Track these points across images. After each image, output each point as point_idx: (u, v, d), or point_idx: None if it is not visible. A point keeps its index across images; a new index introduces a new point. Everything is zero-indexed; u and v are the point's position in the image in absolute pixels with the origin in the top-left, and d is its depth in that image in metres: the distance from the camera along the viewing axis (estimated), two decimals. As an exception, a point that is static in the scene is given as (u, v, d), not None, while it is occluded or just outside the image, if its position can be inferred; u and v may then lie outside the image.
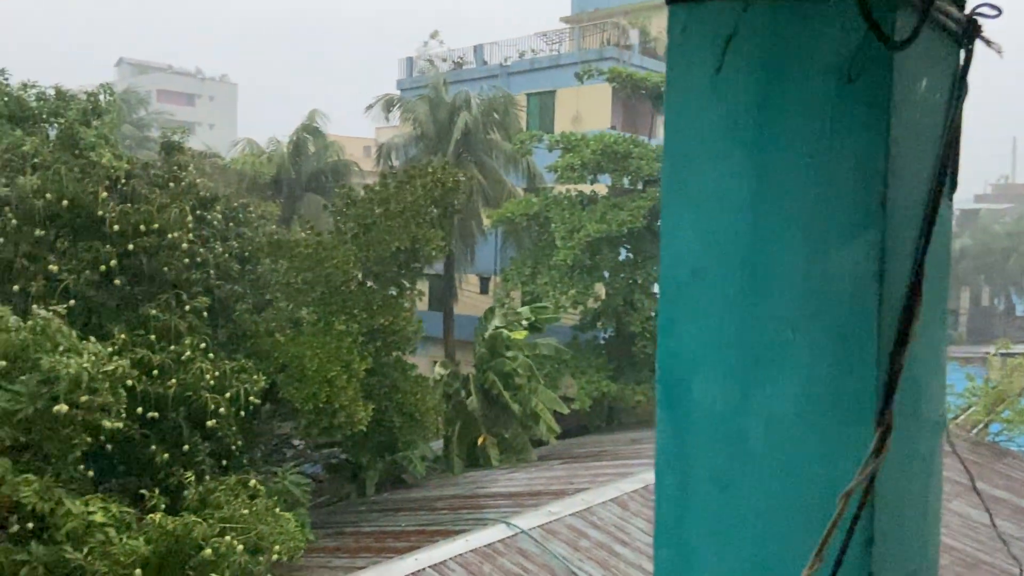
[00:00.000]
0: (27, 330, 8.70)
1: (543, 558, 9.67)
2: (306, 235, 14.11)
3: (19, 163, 11.42)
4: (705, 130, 0.76)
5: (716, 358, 0.75)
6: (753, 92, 0.73)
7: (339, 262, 13.28)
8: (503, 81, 31.02)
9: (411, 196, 13.94)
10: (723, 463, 0.75)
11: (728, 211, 0.74)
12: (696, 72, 0.76)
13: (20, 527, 8.12)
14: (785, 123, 0.72)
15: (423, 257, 14.31)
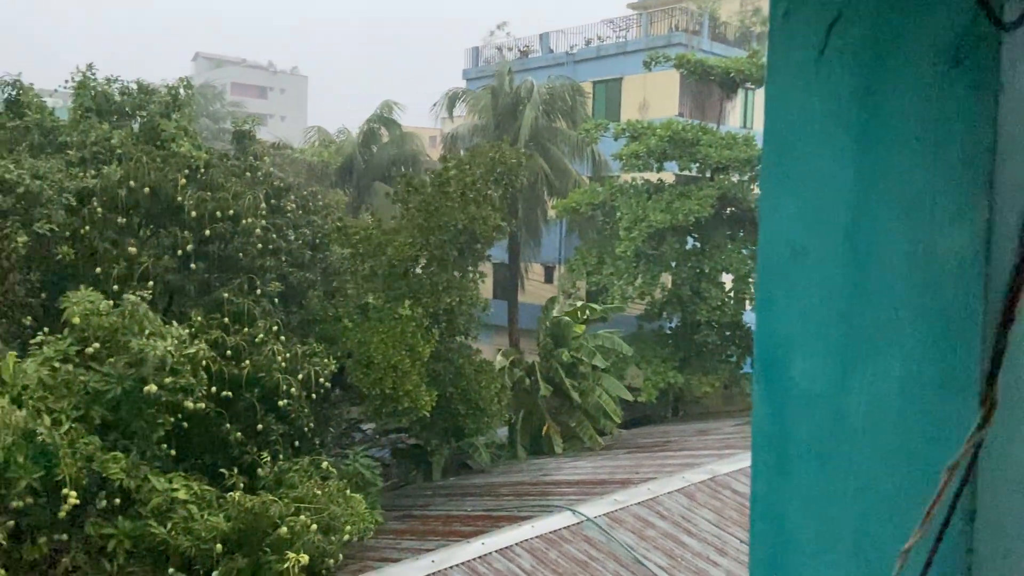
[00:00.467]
0: (117, 314, 9.12)
1: (609, 546, 9.68)
2: (370, 221, 14.35)
3: (106, 155, 11.93)
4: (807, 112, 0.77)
5: (816, 336, 0.77)
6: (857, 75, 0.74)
7: (400, 246, 13.47)
8: (569, 69, 30.86)
9: (470, 177, 14.02)
10: (822, 439, 0.77)
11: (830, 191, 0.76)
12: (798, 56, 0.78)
13: (108, 502, 8.53)
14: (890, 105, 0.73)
15: (483, 237, 14.38)
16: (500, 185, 14.63)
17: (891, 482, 0.74)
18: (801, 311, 0.78)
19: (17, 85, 13.14)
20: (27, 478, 7.79)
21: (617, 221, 20.88)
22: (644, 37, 29.95)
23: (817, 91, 0.76)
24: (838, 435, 0.76)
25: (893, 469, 0.74)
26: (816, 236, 0.77)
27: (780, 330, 0.80)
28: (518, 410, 18.17)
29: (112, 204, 11.22)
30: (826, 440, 0.77)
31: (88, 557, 8.36)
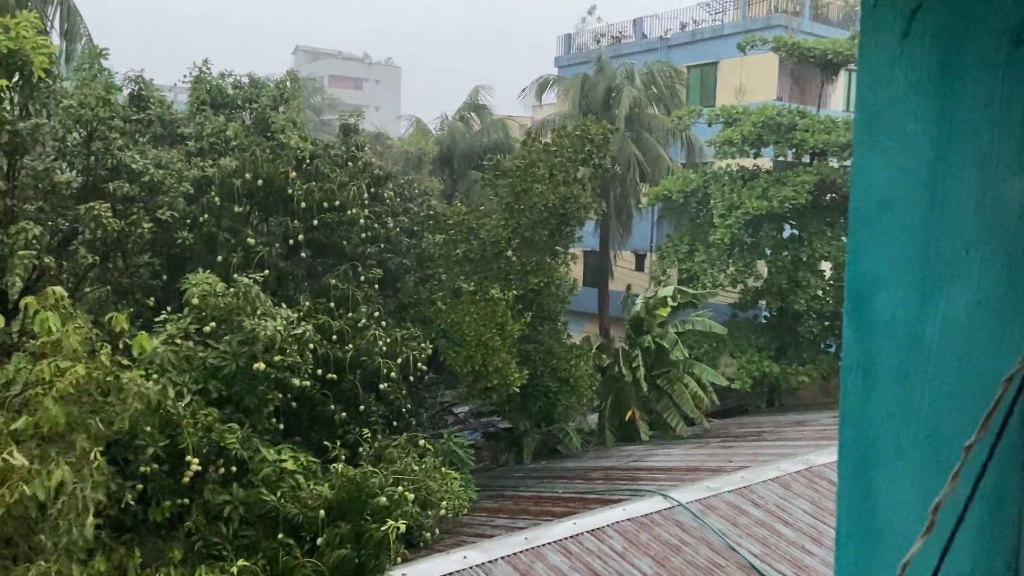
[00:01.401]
0: (231, 295, 9.73)
1: (701, 532, 9.70)
2: (463, 207, 14.69)
3: (221, 146, 12.66)
4: (893, 85, 0.92)
5: (898, 275, 0.92)
6: (935, 53, 0.89)
7: (491, 229, 13.74)
8: (663, 54, 30.50)
9: (558, 157, 14.13)
10: (901, 359, 0.92)
11: (912, 151, 0.90)
12: (885, 37, 0.93)
13: (225, 471, 9.14)
14: (963, 78, 0.88)
15: (573, 218, 14.50)
16: (588, 164, 14.68)
17: (959, 393, 0.88)
18: (885, 253, 0.93)
19: (139, 80, 14.05)
20: (154, 446, 8.46)
21: (711, 208, 20.60)
22: (742, 20, 29.27)
23: (901, 67, 0.91)
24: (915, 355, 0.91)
25: (961, 382, 0.88)
26: (900, 189, 0.92)
27: (867, 270, 0.95)
28: (606, 396, 18.24)
29: (228, 193, 11.93)
30: (904, 359, 0.92)
31: (206, 521, 8.99)
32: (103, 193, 11.09)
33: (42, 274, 10.73)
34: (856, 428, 0.95)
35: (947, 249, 0.88)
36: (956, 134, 0.88)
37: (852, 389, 0.96)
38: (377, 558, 8.46)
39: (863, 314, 0.95)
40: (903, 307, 0.91)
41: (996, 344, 0.86)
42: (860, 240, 0.95)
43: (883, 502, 0.94)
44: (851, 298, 0.96)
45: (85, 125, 11.01)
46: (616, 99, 25.40)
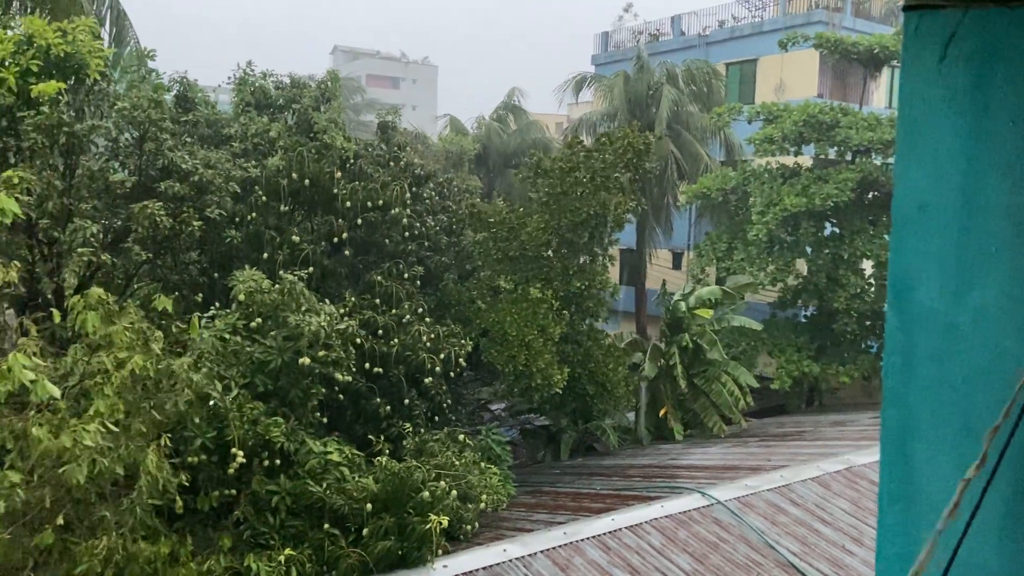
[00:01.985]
0: (277, 292, 9.99)
1: (739, 529, 9.73)
2: (502, 206, 14.82)
3: (266, 146, 12.96)
4: (931, 101, 1.04)
5: (935, 269, 1.03)
6: (968, 75, 1.01)
7: (532, 230, 13.85)
8: (701, 52, 30.33)
9: (600, 163, 14.20)
10: (939, 344, 1.04)
11: (948, 160, 1.02)
12: (925, 60, 1.05)
13: (271, 462, 9.40)
14: (993, 97, 0.99)
15: (614, 222, 14.56)
16: (631, 170, 14.74)
17: (989, 373, 1.00)
18: (924, 250, 1.05)
19: (184, 82, 14.42)
20: (202, 437, 8.73)
21: (750, 206, 20.48)
22: (782, 16, 28.98)
23: (938, 86, 1.03)
24: (949, 340, 1.03)
25: (991, 364, 1.00)
26: (936, 194, 1.04)
27: (908, 265, 1.07)
28: (643, 395, 18.25)
29: (274, 192, 12.23)
30: (940, 344, 1.04)
31: (254, 511, 9.25)
32: (154, 192, 11.42)
33: (97, 270, 11.09)
34: (897, 405, 1.07)
35: (979, 247, 1.00)
36: (987, 145, 0.99)
37: (893, 370, 1.07)
38: (420, 550, 8.65)
39: (904, 304, 1.06)
40: (939, 298, 1.03)
41: (1022, 331, 0.97)
42: (901, 238, 1.07)
43: (921, 471, 1.06)
44: (893, 290, 1.08)
45: (137, 126, 11.36)
46: (655, 97, 25.34)
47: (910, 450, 1.06)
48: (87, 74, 11.14)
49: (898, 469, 1.07)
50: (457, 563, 8.77)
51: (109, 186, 11.15)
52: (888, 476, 1.09)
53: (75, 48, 10.90)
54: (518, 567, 8.73)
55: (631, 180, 14.90)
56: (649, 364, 17.48)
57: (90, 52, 11.06)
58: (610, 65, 33.19)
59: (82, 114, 11.46)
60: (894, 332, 1.07)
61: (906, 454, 1.06)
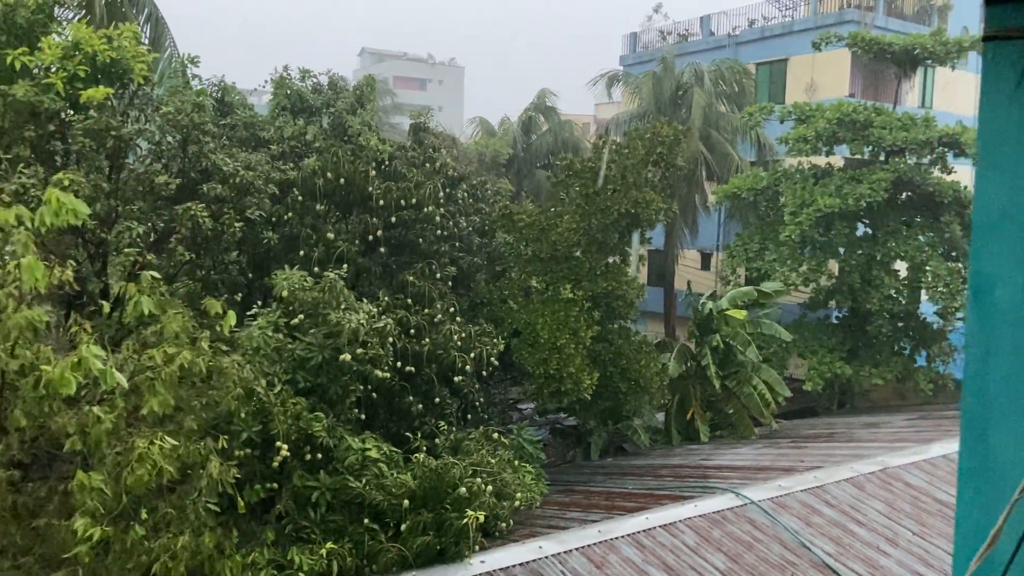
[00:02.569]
0: (318, 290, 10.20)
1: (773, 529, 9.76)
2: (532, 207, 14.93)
3: (302, 149, 13.20)
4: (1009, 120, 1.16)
5: (1016, 271, 1.14)
6: None
7: (563, 231, 13.94)
8: (731, 52, 30.23)
9: (630, 160, 14.24)
10: (1016, 338, 1.15)
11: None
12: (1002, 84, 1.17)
13: (312, 457, 9.60)
14: None
15: (645, 222, 14.60)
16: (659, 167, 14.77)
17: None
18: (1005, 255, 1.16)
19: (223, 86, 14.70)
20: (248, 431, 8.95)
21: (781, 206, 20.41)
22: (813, 15, 28.80)
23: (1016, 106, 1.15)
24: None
25: None
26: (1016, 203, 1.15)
27: (988, 266, 1.18)
28: (673, 395, 18.27)
29: (311, 193, 12.46)
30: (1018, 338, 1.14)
31: (295, 505, 9.45)
32: (196, 194, 11.69)
33: (141, 269, 11.37)
34: (977, 393, 1.18)
35: None
36: None
37: (974, 362, 1.19)
38: (457, 545, 8.79)
39: (984, 302, 1.18)
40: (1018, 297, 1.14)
41: None
42: (982, 243, 1.18)
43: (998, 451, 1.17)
44: (973, 289, 1.19)
45: (180, 130, 11.64)
46: (684, 98, 25.32)
47: (988, 433, 1.17)
48: (131, 79, 11.45)
49: (977, 450, 1.18)
50: (494, 559, 8.90)
51: (153, 188, 11.42)
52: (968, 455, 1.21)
53: (120, 54, 11.20)
54: (554, 564, 8.85)
55: (662, 178, 14.92)
56: (674, 364, 17.48)
57: (134, 57, 11.36)
58: (639, 66, 33.17)
59: (126, 118, 11.77)
60: (975, 327, 1.18)
61: (985, 436, 1.17)
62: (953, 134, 19.13)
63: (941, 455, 11.99)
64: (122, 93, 11.70)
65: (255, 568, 8.46)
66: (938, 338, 20.47)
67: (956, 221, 19.28)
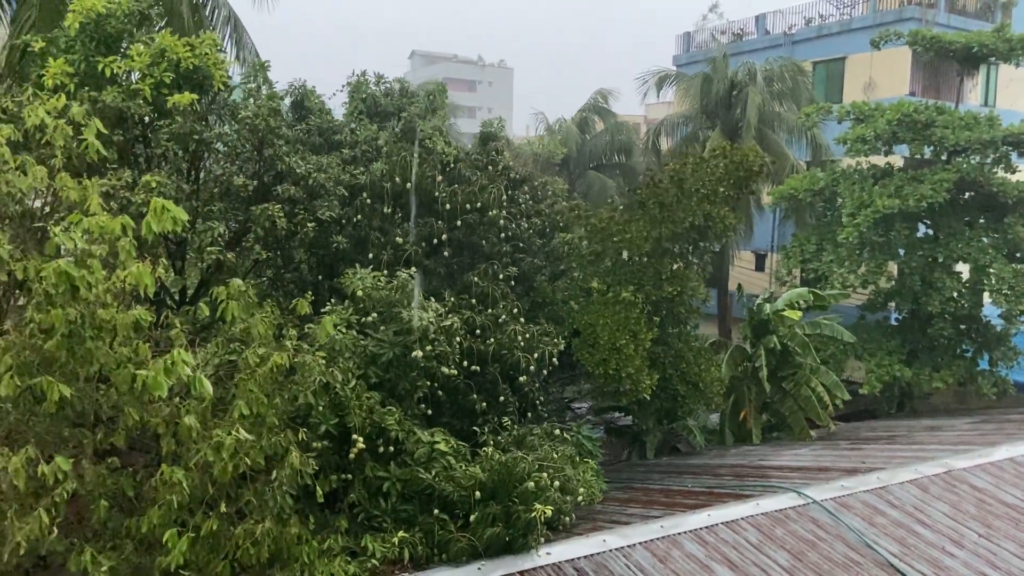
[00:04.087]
0: (389, 289, 10.56)
1: (836, 529, 9.81)
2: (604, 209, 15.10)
3: (373, 153, 13.63)
4: None
5: None
6: None
7: (633, 236, 14.09)
8: (787, 51, 29.98)
9: (710, 176, 14.34)
10: None
11: None
12: None
13: (385, 449, 9.95)
14: None
15: (713, 235, 14.69)
16: (737, 187, 14.84)
17: None
18: None
19: (302, 90, 15.19)
20: (326, 424, 9.34)
21: (839, 207, 20.25)
22: (872, 13, 28.40)
23: None
24: None
25: None
26: None
27: None
28: (728, 396, 18.27)
29: (379, 196, 12.86)
30: None
31: (367, 495, 9.81)
32: (271, 195, 12.18)
33: (219, 267, 11.89)
34: None
35: None
36: None
37: None
38: (525, 537, 9.02)
39: None
40: None
41: None
42: None
43: None
44: None
45: (256, 134, 12.13)
46: (738, 97, 25.21)
47: None
48: (211, 84, 11.98)
49: None
50: (560, 551, 9.13)
51: (230, 189, 11.93)
52: None
53: (201, 61, 11.74)
54: (618, 557, 9.05)
55: (735, 195, 14.99)
56: (726, 366, 17.50)
57: (214, 64, 11.89)
58: (691, 66, 33.09)
59: (206, 122, 12.31)
60: None
61: None
62: (1018, 133, 18.77)
63: (1007, 458, 11.87)
64: (202, 98, 12.23)
65: (331, 554, 8.82)
66: (1002, 341, 20.08)
67: (1021, 222, 18.89)
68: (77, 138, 7.88)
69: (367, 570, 8.82)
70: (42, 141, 7.95)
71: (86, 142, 7.70)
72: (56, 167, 7.58)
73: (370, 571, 8.83)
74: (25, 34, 12.60)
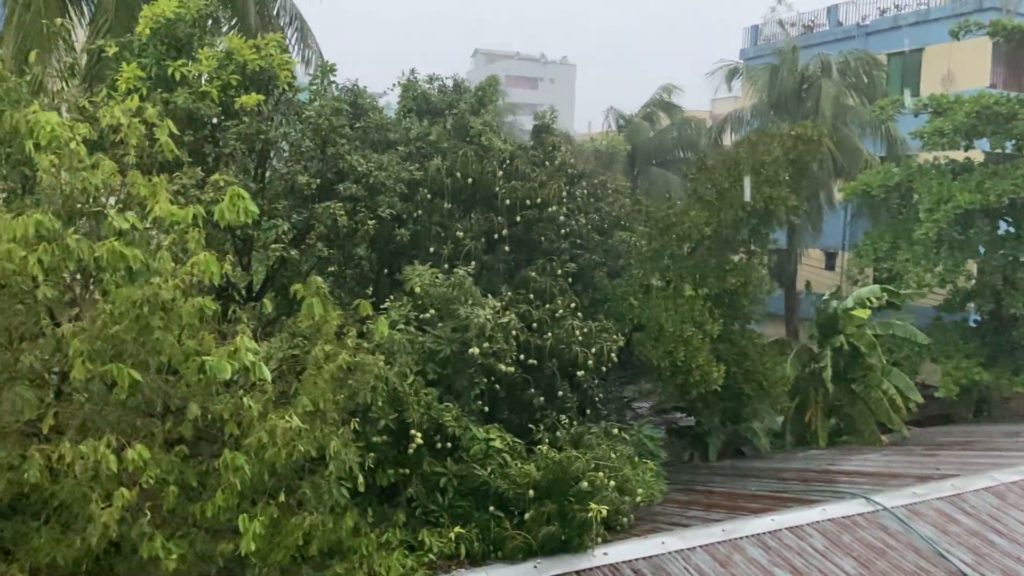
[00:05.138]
0: (448, 286, 10.61)
1: (907, 537, 9.45)
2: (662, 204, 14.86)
3: (427, 149, 13.71)
4: None
5: None
6: None
7: (690, 225, 13.79)
8: (860, 42, 29.02)
9: (766, 157, 13.93)
10: None
11: None
12: None
13: (442, 445, 10.00)
14: None
15: (775, 219, 14.26)
16: (796, 166, 14.39)
17: None
18: None
19: (356, 91, 15.36)
20: (385, 419, 9.43)
21: (915, 203, 19.49)
22: (950, 3, 27.27)
23: None
24: None
25: None
26: None
27: None
28: (793, 398, 17.76)
29: (439, 192, 12.93)
30: None
31: (425, 490, 9.88)
32: (332, 193, 12.35)
33: (283, 264, 12.13)
34: None
35: None
36: None
37: None
38: (581, 537, 8.95)
39: None
40: None
41: None
42: None
43: None
44: None
45: (320, 133, 12.33)
46: (809, 91, 24.52)
47: None
48: (276, 85, 12.22)
49: None
50: (617, 551, 9.03)
51: (295, 187, 12.15)
52: None
53: (267, 63, 11.98)
54: (677, 559, 8.89)
55: (797, 177, 14.53)
56: (791, 366, 16.98)
57: (279, 65, 12.12)
58: (759, 59, 32.32)
59: (271, 122, 12.57)
60: None
61: None
62: (1108, 126, 17.76)
63: (1094, 468, 11.25)
64: (268, 99, 12.48)
65: (389, 547, 8.91)
66: (1091, 345, 19.05)
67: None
68: (150, 138, 8.13)
69: (424, 564, 8.89)
70: (117, 140, 8.23)
71: (159, 142, 7.92)
72: (130, 165, 7.82)
73: (427, 565, 8.89)
74: (101, 37, 13.07)
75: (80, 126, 7.70)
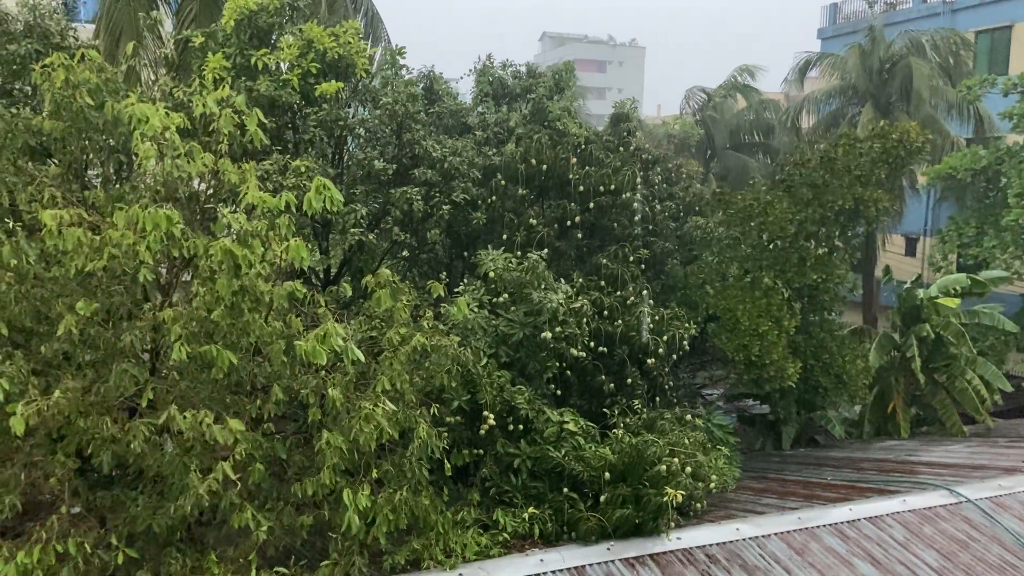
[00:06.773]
0: (521, 270, 10.71)
1: (992, 530, 9.16)
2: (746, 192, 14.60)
3: (504, 135, 13.80)
4: None
5: None
6: None
7: (775, 219, 13.54)
8: (945, 20, 27.84)
9: (864, 156, 13.55)
10: None
11: None
12: None
13: (515, 427, 10.13)
14: None
15: (865, 218, 13.88)
16: (892, 166, 13.96)
17: None
18: None
19: (432, 76, 15.55)
20: (459, 400, 9.61)
21: (1004, 187, 18.67)
22: (1047, -25, 25.90)
23: None
24: None
25: None
26: None
27: None
28: (872, 387, 17.30)
29: (513, 178, 13.02)
30: None
31: (498, 471, 10.04)
32: (408, 178, 12.58)
33: (360, 248, 12.42)
34: None
35: None
36: None
37: None
38: (655, 521, 8.97)
39: None
40: None
41: None
42: None
43: None
44: None
45: (396, 119, 12.54)
46: (893, 71, 23.66)
47: None
48: (354, 72, 12.48)
49: None
50: (690, 536, 9.02)
51: (371, 173, 12.41)
52: None
53: (345, 50, 12.24)
54: (752, 546, 8.84)
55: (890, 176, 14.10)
56: (875, 354, 16.51)
57: (356, 53, 12.37)
58: (838, 39, 31.35)
59: (349, 107, 12.85)
60: None
61: None
62: None
63: None
64: (346, 85, 12.76)
65: (464, 525, 9.09)
66: None
67: None
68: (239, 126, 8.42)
69: (498, 543, 9.04)
70: (209, 129, 8.55)
71: (249, 130, 8.21)
72: (222, 152, 8.13)
73: (501, 544, 9.04)
74: (187, 27, 13.55)
75: (175, 116, 8.03)
